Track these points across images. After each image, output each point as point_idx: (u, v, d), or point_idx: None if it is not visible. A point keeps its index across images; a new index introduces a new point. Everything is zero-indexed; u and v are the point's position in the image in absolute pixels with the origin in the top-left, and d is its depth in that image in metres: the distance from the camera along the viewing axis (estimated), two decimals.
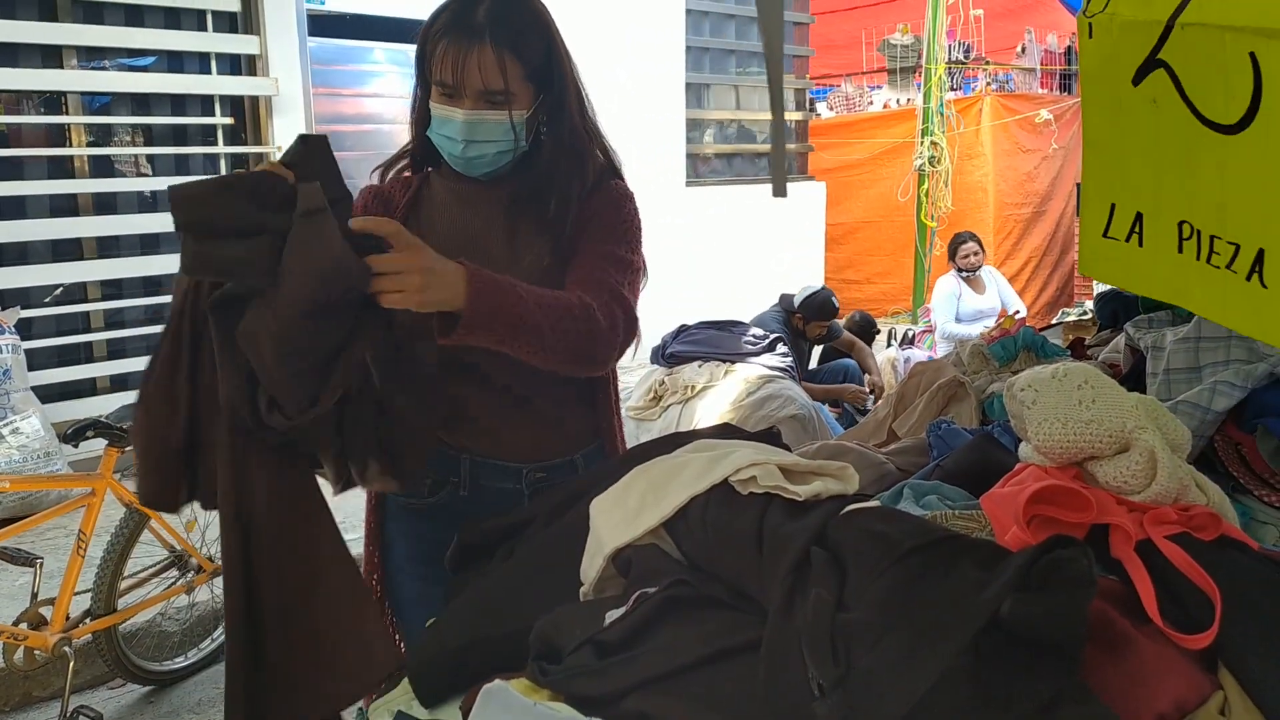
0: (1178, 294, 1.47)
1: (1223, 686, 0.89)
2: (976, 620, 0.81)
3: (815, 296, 5.53)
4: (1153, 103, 1.46)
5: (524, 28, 1.62)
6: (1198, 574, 0.92)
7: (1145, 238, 1.54)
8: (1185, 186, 1.42)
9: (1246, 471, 1.53)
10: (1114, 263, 1.61)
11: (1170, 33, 1.39)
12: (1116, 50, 1.53)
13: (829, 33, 10.74)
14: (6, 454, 4.30)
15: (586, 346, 1.55)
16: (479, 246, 1.69)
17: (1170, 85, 1.41)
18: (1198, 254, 1.39)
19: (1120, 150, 1.59)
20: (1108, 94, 1.58)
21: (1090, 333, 2.96)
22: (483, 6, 1.59)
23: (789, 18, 9.08)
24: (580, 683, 0.97)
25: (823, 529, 0.99)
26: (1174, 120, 1.41)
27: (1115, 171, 1.61)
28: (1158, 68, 1.43)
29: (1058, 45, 11.62)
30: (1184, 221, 1.42)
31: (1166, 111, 1.43)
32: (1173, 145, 1.43)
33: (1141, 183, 1.53)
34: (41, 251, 5.06)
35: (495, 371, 1.68)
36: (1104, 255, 1.63)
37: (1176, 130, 1.40)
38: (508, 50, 1.58)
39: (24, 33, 4.87)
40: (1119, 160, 1.59)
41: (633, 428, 4.58)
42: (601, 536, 1.12)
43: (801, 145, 9.42)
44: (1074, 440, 1.02)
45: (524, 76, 1.62)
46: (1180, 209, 1.43)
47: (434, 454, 1.70)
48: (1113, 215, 1.61)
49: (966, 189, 9.40)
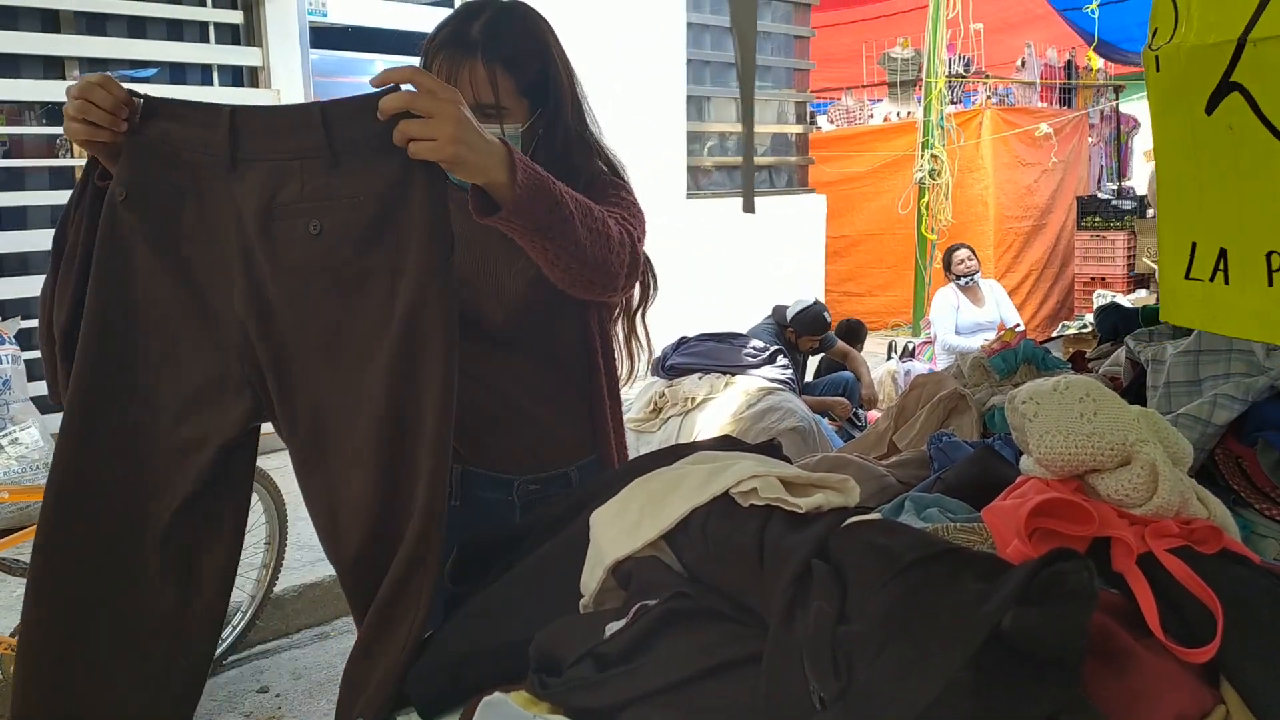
0: (1271, 331, 1.40)
1: (1225, 701, 0.89)
2: (978, 633, 0.81)
3: (806, 311, 5.55)
4: (1229, 129, 1.39)
5: (519, 43, 1.63)
6: (1199, 587, 0.92)
7: (1231, 275, 1.45)
8: (1271, 214, 1.35)
9: (1247, 485, 1.52)
10: (1199, 305, 1.52)
11: (1242, 52, 1.34)
12: (1186, 80, 1.47)
13: (829, 46, 10.77)
14: (5, 465, 4.29)
15: (604, 254, 1.47)
16: (475, 248, 1.69)
17: (1246, 108, 1.35)
18: None
19: (1198, 185, 1.50)
20: (1180, 127, 1.51)
21: (1090, 345, 2.96)
22: (478, 22, 1.61)
23: (790, 31, 9.12)
24: (580, 695, 0.96)
25: (824, 541, 0.99)
26: (1253, 145, 1.35)
27: (1194, 208, 1.52)
28: (1232, 91, 1.37)
29: (1058, 59, 11.66)
30: (1273, 252, 1.36)
31: (1244, 137, 1.36)
32: (1254, 171, 1.36)
33: (1224, 216, 1.45)
34: (41, 262, 5.06)
35: (485, 376, 1.68)
36: (1187, 298, 1.54)
37: (1256, 155, 1.34)
38: (500, 65, 1.60)
39: (26, 44, 4.88)
40: (1197, 195, 1.51)
41: (633, 440, 4.57)
42: (602, 548, 1.12)
43: (802, 158, 9.44)
44: (1075, 453, 1.02)
45: (517, 91, 1.63)
46: (1267, 239, 1.36)
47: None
48: (1194, 255, 1.51)
49: (967, 202, 9.42)
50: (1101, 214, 10.32)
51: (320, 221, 1.31)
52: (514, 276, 1.65)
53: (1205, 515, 1.04)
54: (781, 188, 9.22)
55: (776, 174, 9.24)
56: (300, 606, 3.95)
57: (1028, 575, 0.82)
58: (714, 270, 7.90)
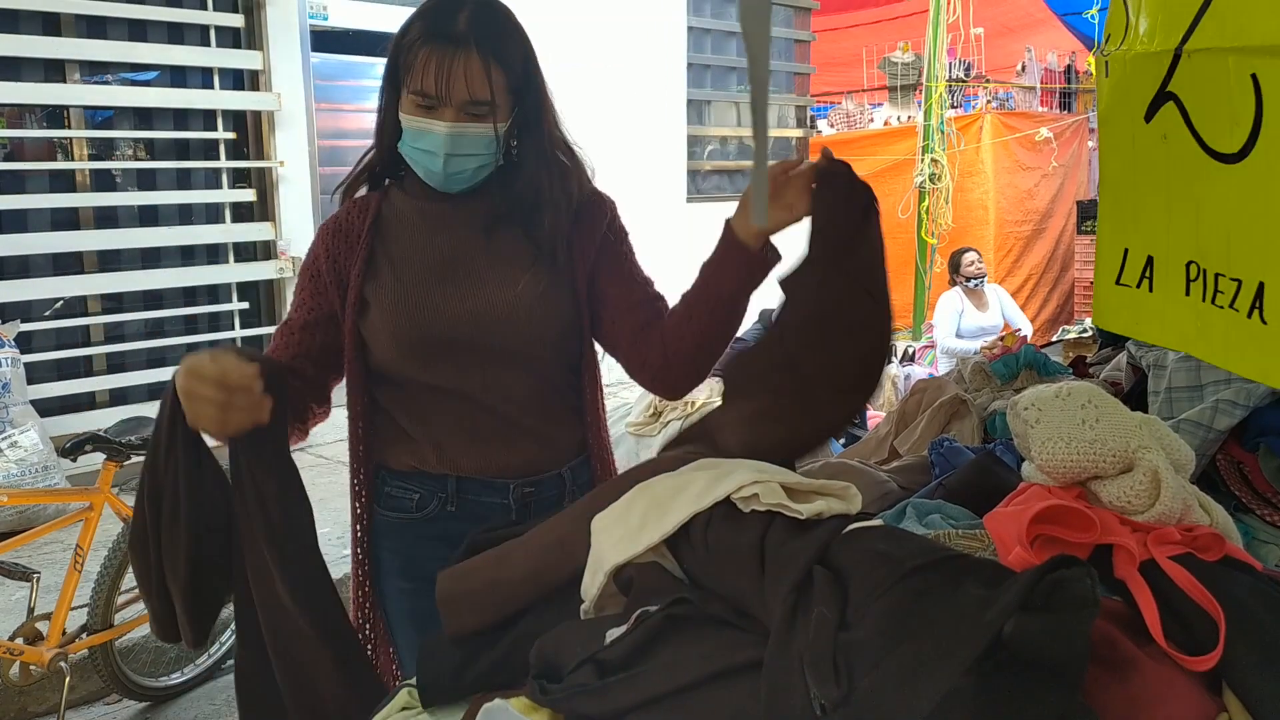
0: (1184, 340, 1.41)
1: (1227, 708, 0.89)
2: (979, 640, 0.81)
3: None
4: (1163, 138, 1.40)
5: (505, 36, 1.59)
6: (1202, 595, 0.91)
7: (1155, 282, 1.47)
8: (1193, 224, 1.36)
9: (1248, 491, 1.52)
10: (1126, 311, 1.54)
11: (1179, 62, 1.34)
12: (1130, 86, 1.48)
13: (830, 50, 10.79)
14: (5, 468, 4.29)
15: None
16: (461, 272, 1.65)
17: (1179, 118, 1.36)
18: (1204, 295, 1.33)
19: (1134, 192, 1.52)
20: (1123, 133, 1.52)
21: (1091, 350, 2.95)
22: (464, 14, 1.54)
23: (791, 35, 9.12)
24: (581, 702, 0.96)
25: (825, 547, 0.99)
26: (1183, 155, 1.35)
27: (1129, 215, 1.54)
28: (1168, 100, 1.38)
29: (1058, 64, 11.68)
30: (1192, 262, 1.37)
31: (1176, 146, 1.37)
32: (1182, 181, 1.37)
33: (1153, 224, 1.46)
34: (42, 265, 5.07)
35: (478, 394, 1.67)
36: (1116, 304, 1.56)
37: (1185, 165, 1.35)
38: (493, 58, 1.54)
39: (27, 47, 4.89)
40: (1133, 202, 1.52)
41: (632, 444, 4.56)
42: (603, 553, 1.11)
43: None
44: (1078, 459, 1.02)
45: (507, 87, 1.58)
46: (1189, 249, 1.37)
47: (420, 473, 1.72)
48: (1125, 261, 1.53)
49: (967, 206, 9.41)
50: None
51: None
52: (514, 305, 1.64)
53: (1208, 522, 1.04)
54: None
55: None
56: None
57: (1030, 582, 0.82)
58: None
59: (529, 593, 1.20)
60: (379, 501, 1.75)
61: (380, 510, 1.75)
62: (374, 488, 1.75)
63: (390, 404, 1.72)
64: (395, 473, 1.74)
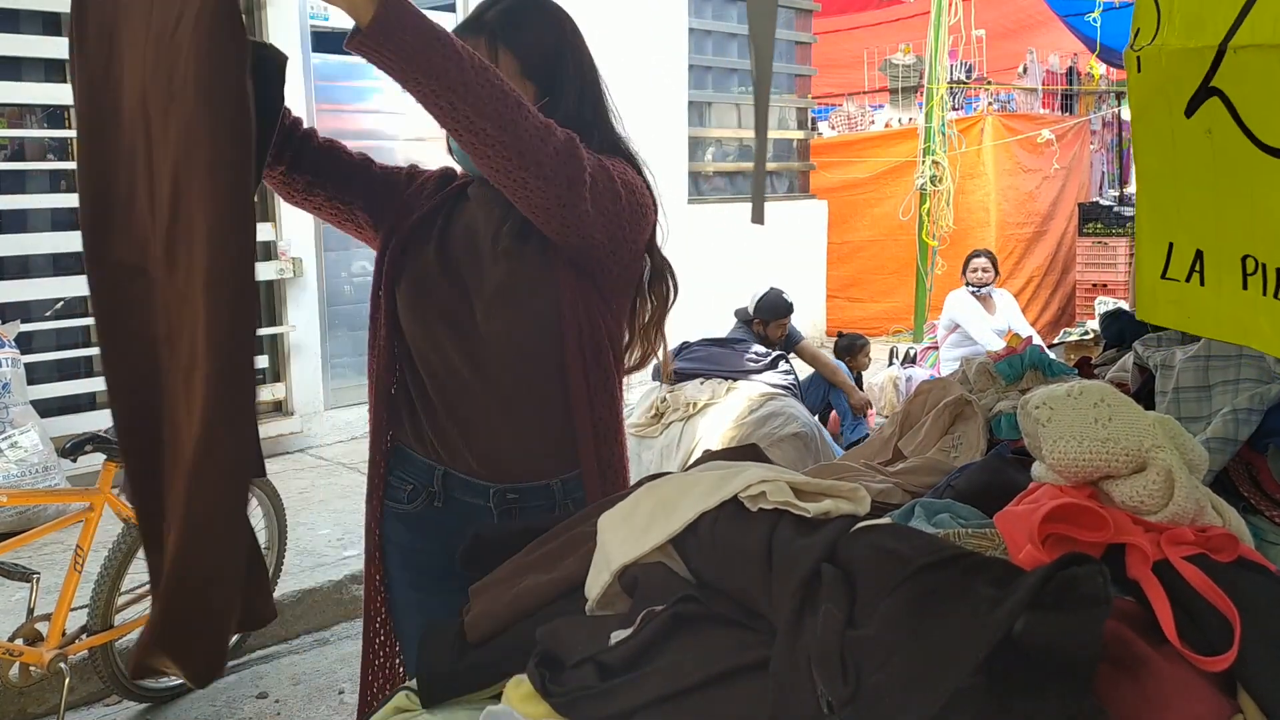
0: (1244, 333, 1.41)
1: (1242, 710, 0.88)
2: (989, 638, 0.80)
3: (765, 298, 5.60)
4: (1208, 133, 1.40)
5: (527, 25, 1.64)
6: (1216, 595, 0.90)
7: (1206, 276, 1.47)
8: (1247, 218, 1.36)
9: (1257, 491, 1.51)
10: (1174, 305, 1.53)
11: (1223, 58, 1.35)
12: (1166, 82, 1.48)
13: (831, 52, 10.81)
14: (4, 468, 4.28)
15: (515, 119, 1.38)
16: (472, 238, 1.71)
17: (1225, 113, 1.36)
18: (1264, 289, 1.33)
19: (1176, 186, 1.52)
20: (1160, 129, 1.52)
21: (1092, 352, 2.95)
22: (496, 7, 1.64)
23: (792, 37, 9.13)
24: (585, 705, 0.95)
25: (833, 545, 0.98)
26: (1231, 150, 1.36)
27: (1172, 209, 1.53)
28: (1211, 96, 1.38)
29: (1059, 66, 11.69)
30: (1248, 256, 1.37)
31: (1223, 141, 1.37)
32: (1231, 176, 1.37)
33: (1200, 218, 1.47)
34: (42, 265, 5.06)
35: (467, 376, 1.67)
36: (1163, 298, 1.55)
37: (1234, 160, 1.35)
38: (503, 44, 1.62)
39: (27, 47, 4.89)
40: (1175, 197, 1.52)
41: (634, 445, 4.56)
42: (609, 552, 1.10)
43: (803, 164, 9.45)
44: (1090, 459, 1.01)
45: (520, 72, 1.62)
46: (1243, 243, 1.37)
47: (414, 458, 1.74)
48: (1171, 255, 1.53)
49: (968, 208, 9.43)
50: (1103, 220, 10.32)
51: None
52: (489, 254, 1.67)
53: (1220, 524, 1.03)
54: (783, 193, 9.23)
55: (778, 179, 9.25)
56: (299, 612, 3.94)
57: (1041, 580, 0.81)
58: (715, 276, 7.89)
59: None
60: (386, 493, 1.79)
61: (386, 501, 1.79)
62: (385, 473, 1.79)
63: (408, 380, 1.76)
64: (398, 456, 1.77)
